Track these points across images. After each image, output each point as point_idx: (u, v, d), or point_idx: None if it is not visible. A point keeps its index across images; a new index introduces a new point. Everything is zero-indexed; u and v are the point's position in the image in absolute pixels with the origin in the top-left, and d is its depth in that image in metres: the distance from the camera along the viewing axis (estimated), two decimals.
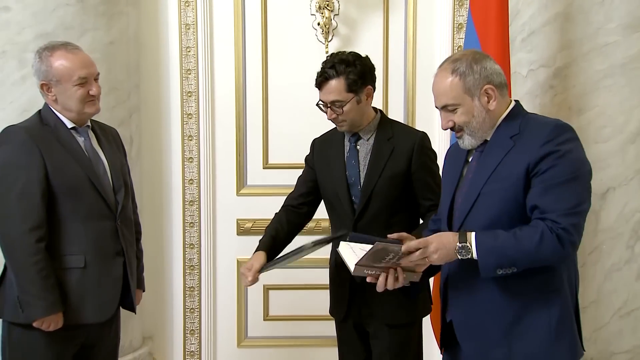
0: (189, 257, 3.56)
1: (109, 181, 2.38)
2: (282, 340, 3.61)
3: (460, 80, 1.91)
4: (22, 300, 2.20)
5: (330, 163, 2.52)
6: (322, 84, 2.38)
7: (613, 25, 2.82)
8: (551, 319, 1.86)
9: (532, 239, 1.80)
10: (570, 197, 1.80)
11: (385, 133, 2.47)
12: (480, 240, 1.85)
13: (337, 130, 2.53)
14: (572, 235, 1.80)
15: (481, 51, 2.04)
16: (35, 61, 2.29)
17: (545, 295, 1.87)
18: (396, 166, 2.41)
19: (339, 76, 2.36)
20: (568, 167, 1.80)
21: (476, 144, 1.97)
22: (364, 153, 2.46)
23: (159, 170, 3.55)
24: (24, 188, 2.19)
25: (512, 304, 1.89)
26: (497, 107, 1.93)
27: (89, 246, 2.29)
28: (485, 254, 1.83)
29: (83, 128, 2.36)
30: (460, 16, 3.38)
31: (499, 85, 1.93)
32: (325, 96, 2.39)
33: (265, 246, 2.48)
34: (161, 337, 3.62)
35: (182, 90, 3.48)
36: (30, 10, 2.89)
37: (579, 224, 1.82)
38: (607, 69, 2.83)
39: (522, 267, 1.83)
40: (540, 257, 1.82)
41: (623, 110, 2.82)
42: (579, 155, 1.85)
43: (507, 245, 1.82)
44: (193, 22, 3.44)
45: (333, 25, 3.42)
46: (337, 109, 2.38)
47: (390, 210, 2.41)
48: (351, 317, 2.49)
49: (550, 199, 1.80)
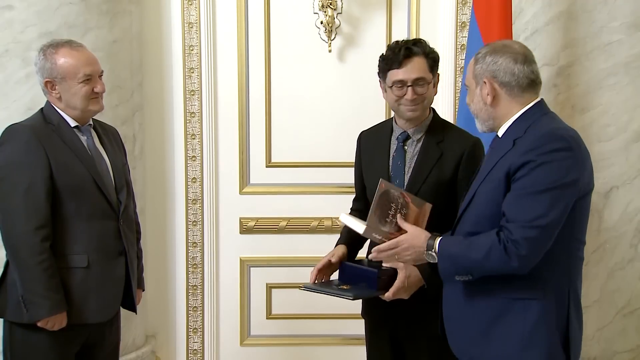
0: (191, 255, 3.56)
1: (111, 181, 2.38)
2: (285, 338, 3.60)
3: (474, 65, 1.94)
4: (27, 300, 2.19)
5: (375, 160, 2.39)
6: (404, 61, 2.23)
7: (616, 24, 2.82)
8: (525, 325, 1.82)
9: (481, 249, 1.81)
10: (533, 209, 1.75)
11: (436, 135, 2.32)
12: (442, 246, 1.91)
13: (384, 125, 2.44)
14: (521, 249, 1.74)
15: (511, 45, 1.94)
16: (39, 59, 2.28)
17: (524, 301, 1.83)
18: (442, 173, 2.27)
19: (422, 55, 2.26)
20: (541, 178, 1.75)
21: (483, 129, 1.98)
22: (411, 155, 2.33)
23: (162, 168, 3.55)
24: (28, 187, 2.18)
25: (491, 304, 1.87)
26: (497, 105, 1.91)
27: (92, 246, 2.29)
28: (444, 261, 1.90)
29: (86, 127, 2.36)
30: (464, 15, 3.37)
31: (505, 84, 1.89)
32: (408, 73, 2.23)
33: (345, 240, 2.41)
34: (164, 336, 3.62)
35: (185, 89, 3.47)
36: (33, 8, 2.89)
37: (535, 237, 1.74)
38: (611, 68, 2.83)
39: (477, 275, 1.85)
40: (490, 268, 1.81)
41: (627, 109, 2.82)
42: (558, 167, 1.75)
43: (461, 254, 1.86)
44: (196, 20, 3.44)
45: (336, 24, 3.42)
46: (421, 88, 2.25)
47: (430, 219, 2.20)
48: (386, 326, 2.37)
49: (514, 208, 1.78)
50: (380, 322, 2.40)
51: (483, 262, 1.80)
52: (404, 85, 2.25)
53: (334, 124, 3.22)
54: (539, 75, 1.93)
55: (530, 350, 1.82)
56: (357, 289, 2.21)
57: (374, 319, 2.43)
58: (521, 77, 1.88)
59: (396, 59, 2.25)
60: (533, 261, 1.77)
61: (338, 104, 3.45)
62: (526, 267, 1.78)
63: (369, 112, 3.36)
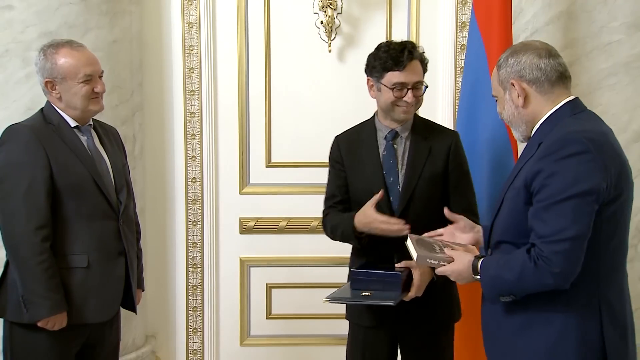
0: (191, 255, 3.56)
1: (111, 181, 2.38)
2: (285, 338, 3.60)
3: (497, 72, 1.90)
4: (27, 300, 2.19)
5: (363, 162, 2.39)
6: (407, 63, 2.27)
7: (617, 24, 2.82)
8: (549, 339, 1.76)
9: (514, 269, 1.75)
10: (557, 222, 1.67)
11: (421, 132, 2.40)
12: (483, 268, 1.86)
13: (364, 126, 2.46)
14: (552, 265, 1.67)
15: (532, 43, 1.91)
16: (39, 59, 2.28)
17: (547, 313, 1.77)
18: (434, 167, 2.35)
19: (418, 58, 2.32)
20: (557, 188, 1.67)
21: (519, 138, 1.93)
22: (401, 152, 2.37)
23: (162, 168, 3.54)
24: (29, 187, 2.18)
25: (516, 317, 1.82)
26: (530, 105, 1.84)
27: (92, 246, 2.29)
28: (486, 284, 1.85)
29: (86, 127, 2.36)
30: (464, 15, 3.37)
31: (534, 81, 1.82)
32: (410, 76, 2.28)
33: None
34: (164, 336, 3.62)
35: (185, 89, 3.47)
36: (33, 8, 2.89)
37: (565, 250, 1.67)
38: (611, 68, 2.84)
39: (520, 295, 1.78)
40: (526, 287, 1.75)
41: (627, 109, 2.82)
42: (575, 173, 1.67)
43: (498, 275, 1.80)
44: (196, 20, 3.44)
45: (336, 24, 3.42)
46: (419, 91, 2.31)
47: (428, 212, 2.31)
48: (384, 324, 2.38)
49: (538, 223, 1.72)
50: (379, 321, 2.39)
51: (518, 283, 1.75)
52: (405, 88, 2.28)
53: (334, 123, 3.18)
54: (567, 69, 1.85)
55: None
56: (381, 294, 2.21)
57: (371, 319, 2.40)
58: (549, 71, 1.82)
59: (398, 61, 2.26)
60: (570, 275, 1.69)
61: (338, 103, 3.45)
62: (564, 282, 1.70)
63: (369, 112, 3.33)
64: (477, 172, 2.85)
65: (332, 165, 2.50)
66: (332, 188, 2.50)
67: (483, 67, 2.85)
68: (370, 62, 2.36)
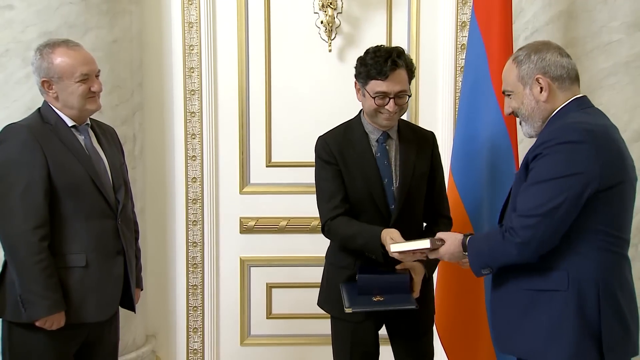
0: (192, 255, 3.57)
1: (109, 180, 2.38)
2: (285, 338, 3.61)
3: (517, 68, 1.97)
4: (25, 300, 2.19)
5: (358, 163, 2.40)
6: (390, 73, 2.27)
7: (617, 24, 2.81)
8: (551, 317, 1.84)
9: (490, 242, 1.92)
10: (535, 198, 1.80)
11: (407, 133, 2.47)
12: (470, 243, 2.00)
13: (350, 127, 2.47)
14: (516, 237, 1.81)
15: (551, 43, 2.03)
16: (35, 58, 2.28)
17: (549, 292, 1.86)
18: (422, 165, 2.44)
19: (404, 67, 2.32)
20: (545, 169, 1.81)
21: (532, 133, 2.01)
22: (393, 153, 2.43)
23: (162, 168, 3.55)
24: (26, 187, 2.18)
25: (519, 297, 1.91)
26: (552, 100, 1.94)
27: (90, 245, 2.29)
28: (471, 258, 1.98)
29: (83, 126, 2.36)
30: (464, 14, 3.37)
31: (557, 78, 1.93)
32: (393, 86, 2.29)
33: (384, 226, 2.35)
34: (164, 335, 3.63)
35: (185, 89, 3.48)
36: (33, 8, 2.90)
37: (531, 225, 1.79)
38: (611, 67, 2.83)
39: (495, 267, 1.93)
40: (496, 258, 1.90)
41: (627, 109, 2.81)
42: (565, 158, 1.78)
43: (480, 247, 1.96)
44: (196, 20, 3.44)
45: (336, 24, 3.42)
46: (402, 100, 2.33)
47: (419, 210, 2.46)
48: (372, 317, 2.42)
49: (521, 198, 1.85)
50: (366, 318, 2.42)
51: (490, 253, 1.90)
52: (387, 97, 2.30)
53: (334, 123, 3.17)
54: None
55: (556, 341, 1.83)
56: (392, 297, 2.32)
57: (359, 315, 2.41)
58: (570, 69, 1.95)
59: (381, 70, 2.28)
60: (535, 249, 1.81)
61: (338, 103, 3.44)
62: (527, 254, 1.82)
63: None
64: (476, 172, 2.85)
65: (326, 164, 2.44)
66: (331, 187, 2.43)
67: (483, 66, 2.85)
68: (357, 67, 2.40)
